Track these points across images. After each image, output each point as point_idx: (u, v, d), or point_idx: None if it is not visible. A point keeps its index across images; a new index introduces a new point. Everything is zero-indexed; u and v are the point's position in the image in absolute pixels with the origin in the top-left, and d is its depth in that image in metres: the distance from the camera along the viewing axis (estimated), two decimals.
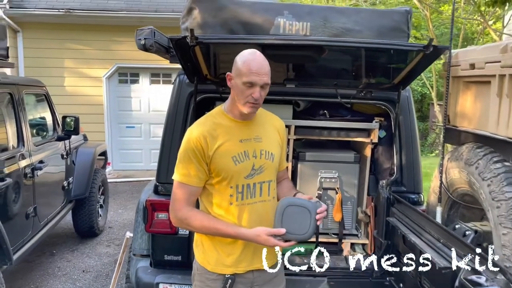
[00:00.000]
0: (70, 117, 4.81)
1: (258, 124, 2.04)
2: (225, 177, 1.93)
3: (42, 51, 8.81)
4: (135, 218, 3.18)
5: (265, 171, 2.00)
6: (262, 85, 1.87)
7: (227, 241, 1.98)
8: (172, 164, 2.83)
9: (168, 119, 2.89)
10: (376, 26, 2.69)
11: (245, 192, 1.96)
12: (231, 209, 1.96)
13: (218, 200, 1.98)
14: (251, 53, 1.91)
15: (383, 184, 2.89)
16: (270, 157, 2.02)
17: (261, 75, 1.85)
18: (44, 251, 5.18)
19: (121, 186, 8.54)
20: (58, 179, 4.79)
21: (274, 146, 2.07)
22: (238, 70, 1.88)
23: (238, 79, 1.88)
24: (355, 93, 2.88)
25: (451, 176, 2.66)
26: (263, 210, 2.00)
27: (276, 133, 2.11)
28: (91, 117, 8.77)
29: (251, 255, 2.00)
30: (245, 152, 1.96)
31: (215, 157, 1.92)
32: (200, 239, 2.07)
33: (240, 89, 1.87)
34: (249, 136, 1.99)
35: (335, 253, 3.13)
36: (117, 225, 6.25)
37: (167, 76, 9.23)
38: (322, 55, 2.51)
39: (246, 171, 1.95)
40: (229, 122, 1.99)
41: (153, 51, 2.66)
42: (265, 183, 2.01)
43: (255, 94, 1.85)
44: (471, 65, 2.57)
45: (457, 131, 2.76)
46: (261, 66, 1.87)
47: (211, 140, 1.92)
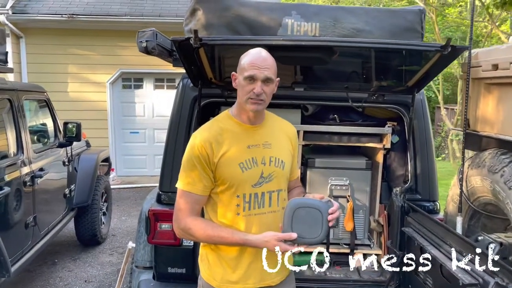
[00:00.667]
0: (71, 123, 4.71)
1: (268, 129, 1.93)
2: (231, 185, 1.82)
3: (45, 56, 8.77)
4: (137, 228, 3.05)
5: (274, 180, 1.88)
6: (263, 79, 1.76)
7: (233, 255, 1.86)
8: (175, 172, 2.71)
9: (171, 125, 2.78)
10: (388, 26, 2.57)
11: (252, 201, 1.84)
12: (237, 220, 1.84)
13: (223, 210, 1.86)
14: (255, 50, 1.83)
15: (397, 192, 2.75)
16: (280, 165, 1.90)
17: (262, 69, 1.75)
18: (45, 260, 5.08)
19: (125, 192, 8.45)
20: (59, 187, 4.68)
21: (285, 153, 1.95)
22: (240, 67, 1.81)
23: (240, 76, 1.79)
24: (367, 96, 2.76)
25: (473, 184, 2.51)
26: (273, 222, 1.87)
27: (288, 141, 1.99)
28: (94, 123, 8.72)
29: (260, 270, 1.86)
30: (253, 159, 1.84)
31: (220, 164, 1.81)
32: (205, 253, 1.95)
33: (242, 85, 1.79)
34: (257, 142, 1.87)
35: (347, 264, 2.99)
36: (120, 232, 6.14)
37: (171, 81, 9.16)
38: (333, 57, 2.39)
39: (253, 179, 1.84)
40: (236, 126, 1.87)
41: (155, 54, 2.55)
42: (274, 193, 1.89)
43: (256, 89, 1.75)
44: (494, 65, 2.43)
45: (477, 136, 2.62)
46: (263, 60, 1.77)
47: (217, 146, 1.81)
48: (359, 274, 2.87)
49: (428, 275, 2.29)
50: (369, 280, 2.80)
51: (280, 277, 1.93)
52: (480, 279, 1.79)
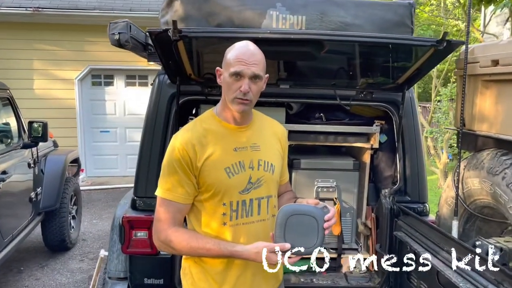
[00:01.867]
0: (37, 123, 4.41)
1: (256, 130, 1.77)
2: (217, 192, 1.65)
3: (9, 52, 8.33)
4: (110, 236, 2.84)
5: (263, 185, 1.72)
6: (251, 76, 1.60)
7: (219, 268, 1.70)
8: (152, 175, 2.53)
9: (146, 124, 2.57)
10: (378, 20, 2.45)
11: (240, 210, 1.68)
12: (224, 231, 1.67)
13: (208, 220, 1.69)
14: (242, 43, 1.66)
15: (385, 194, 2.63)
16: (269, 169, 1.74)
17: (250, 64, 1.59)
18: (10, 268, 4.77)
19: (95, 194, 8.13)
20: (24, 191, 4.38)
21: (275, 155, 1.79)
22: (226, 61, 1.64)
23: (226, 72, 1.63)
24: (355, 94, 2.63)
25: (469, 187, 2.42)
26: (262, 231, 1.71)
27: (277, 141, 1.84)
28: (62, 122, 8.36)
29: (250, 284, 1.72)
30: (240, 163, 1.68)
31: (204, 169, 1.63)
32: (188, 266, 1.77)
33: (227, 82, 1.62)
34: (244, 144, 1.71)
35: (334, 269, 2.87)
36: (91, 237, 5.86)
37: (144, 78, 8.88)
38: (321, 52, 2.24)
39: (241, 185, 1.68)
40: (221, 127, 1.71)
41: (128, 48, 2.35)
42: (263, 199, 1.73)
43: (243, 87, 1.59)
44: (494, 61, 2.33)
45: (474, 136, 2.52)
46: (251, 54, 1.61)
47: (200, 149, 1.64)
48: (346, 280, 2.76)
49: (422, 281, 2.19)
50: (357, 286, 2.68)
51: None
52: (482, 287, 1.69)
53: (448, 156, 8.75)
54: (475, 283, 1.72)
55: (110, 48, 2.29)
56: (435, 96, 9.59)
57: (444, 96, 9.15)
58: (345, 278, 2.77)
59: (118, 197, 3.16)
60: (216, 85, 2.48)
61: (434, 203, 5.05)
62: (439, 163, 8.47)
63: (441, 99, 9.53)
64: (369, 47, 2.29)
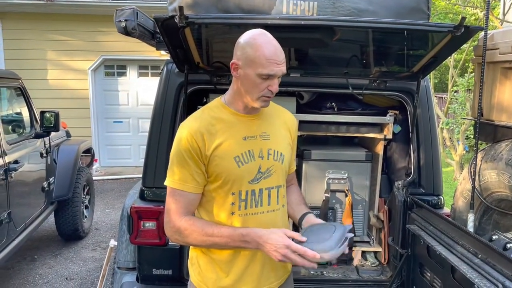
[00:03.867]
0: (49, 112, 4.42)
1: (265, 119, 1.73)
2: (226, 181, 1.62)
3: (23, 42, 8.40)
4: (119, 226, 2.83)
5: (273, 175, 1.69)
6: (281, 75, 1.57)
7: (226, 258, 1.67)
8: (160, 165, 2.50)
9: (154, 114, 2.54)
10: (394, 6, 2.34)
11: (249, 199, 1.65)
12: (232, 220, 1.64)
13: (216, 209, 1.66)
14: (261, 35, 1.57)
15: (399, 186, 2.56)
16: (279, 158, 1.70)
17: (280, 65, 1.55)
18: (24, 256, 4.83)
19: (109, 184, 8.19)
20: (36, 180, 4.40)
21: (284, 145, 1.76)
22: (249, 58, 1.54)
23: (250, 70, 1.54)
24: (368, 83, 2.55)
25: (486, 179, 2.33)
26: (271, 222, 1.68)
27: (287, 131, 1.80)
28: (76, 112, 8.43)
29: (257, 275, 1.68)
30: (250, 152, 1.64)
31: (213, 158, 1.60)
32: (196, 256, 1.75)
33: (253, 82, 1.55)
34: (254, 133, 1.67)
35: (345, 262, 2.81)
36: (104, 226, 5.90)
37: (156, 68, 8.86)
38: (333, 39, 2.17)
39: (250, 174, 1.64)
40: (231, 116, 1.67)
41: (135, 36, 2.30)
42: (273, 189, 1.69)
43: (273, 87, 1.56)
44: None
45: (492, 126, 2.42)
46: (279, 52, 1.56)
47: (209, 137, 1.60)
48: (358, 273, 2.70)
49: (436, 276, 2.12)
50: (369, 279, 2.63)
51: (279, 281, 1.76)
52: (500, 284, 1.62)
53: (465, 148, 8.58)
54: (491, 279, 1.65)
55: (122, 38, 2.24)
56: (452, 87, 9.37)
57: (461, 86, 8.93)
58: (356, 271, 2.71)
59: (131, 187, 3.15)
60: (225, 74, 2.43)
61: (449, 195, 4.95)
62: (455, 155, 8.30)
63: (458, 90, 9.31)
64: (383, 33, 2.20)
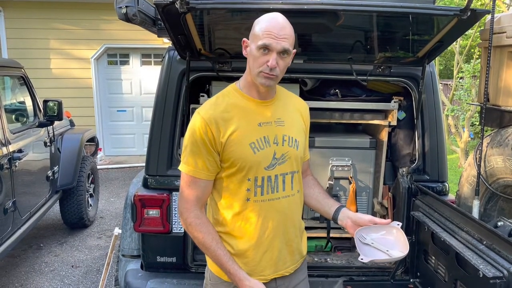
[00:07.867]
0: (52, 101, 4.41)
1: (280, 105, 1.72)
2: (242, 168, 1.62)
3: (25, 31, 8.37)
4: (123, 214, 2.83)
5: (288, 161, 1.69)
6: (280, 50, 1.54)
7: (244, 247, 1.68)
8: (162, 153, 2.49)
9: (157, 102, 2.52)
10: None
11: (265, 186, 1.65)
12: (247, 206, 1.65)
13: (231, 196, 1.67)
14: (271, 15, 1.59)
15: (403, 173, 2.55)
16: (294, 144, 1.71)
17: (279, 38, 1.53)
18: (30, 245, 4.88)
19: (113, 172, 8.22)
20: (41, 169, 4.42)
21: (298, 131, 1.76)
22: (252, 33, 1.58)
23: (253, 44, 1.56)
24: (372, 69, 2.51)
25: (492, 165, 2.30)
26: (288, 208, 1.70)
27: (300, 117, 1.80)
28: (79, 101, 8.42)
29: (275, 261, 1.71)
30: (265, 138, 1.64)
31: (229, 144, 1.60)
32: None
33: (254, 55, 1.56)
34: (269, 119, 1.67)
35: (349, 249, 2.81)
36: (108, 214, 5.94)
37: (159, 56, 8.82)
38: (337, 24, 2.13)
39: (266, 160, 1.64)
40: (246, 102, 1.66)
41: (136, 23, 2.27)
42: (288, 175, 1.70)
43: (270, 62, 1.53)
44: None
45: (499, 112, 2.38)
46: (281, 27, 1.54)
47: (223, 124, 1.60)
48: None
49: (440, 263, 2.11)
50: (372, 266, 2.62)
51: (294, 266, 1.79)
52: (505, 271, 1.61)
53: (470, 135, 8.51)
54: (496, 265, 1.64)
55: (125, 26, 2.22)
56: (457, 73, 9.28)
57: (466, 73, 8.84)
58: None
59: (135, 176, 3.15)
60: (227, 61, 2.40)
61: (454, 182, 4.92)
62: (460, 142, 8.25)
63: (464, 76, 9.22)
64: (387, 17, 2.16)
